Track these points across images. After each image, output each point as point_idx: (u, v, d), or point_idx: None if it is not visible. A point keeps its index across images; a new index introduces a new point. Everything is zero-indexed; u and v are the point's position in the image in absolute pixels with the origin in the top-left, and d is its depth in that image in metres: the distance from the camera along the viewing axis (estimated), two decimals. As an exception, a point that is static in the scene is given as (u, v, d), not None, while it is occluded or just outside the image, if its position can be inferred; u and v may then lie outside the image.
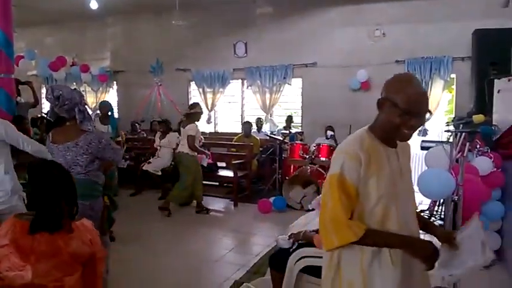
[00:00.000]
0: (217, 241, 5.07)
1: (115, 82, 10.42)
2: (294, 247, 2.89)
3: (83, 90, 9.83)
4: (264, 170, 7.56)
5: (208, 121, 9.43)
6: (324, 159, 6.63)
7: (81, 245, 1.89)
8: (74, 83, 10.06)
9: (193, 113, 6.16)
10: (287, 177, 6.79)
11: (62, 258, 1.84)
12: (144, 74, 9.50)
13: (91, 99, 10.39)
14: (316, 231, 2.90)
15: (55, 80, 9.77)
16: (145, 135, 8.70)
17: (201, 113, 6.39)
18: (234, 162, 6.73)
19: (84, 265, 1.93)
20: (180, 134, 6.65)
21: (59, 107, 2.82)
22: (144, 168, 7.02)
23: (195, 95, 9.71)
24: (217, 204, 6.54)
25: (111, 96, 10.48)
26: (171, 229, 5.44)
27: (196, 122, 6.14)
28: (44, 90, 10.32)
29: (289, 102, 8.99)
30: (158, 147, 7.20)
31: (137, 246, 4.68)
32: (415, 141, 8.02)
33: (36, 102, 6.60)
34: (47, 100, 2.87)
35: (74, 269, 1.88)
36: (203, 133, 7.92)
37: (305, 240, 2.86)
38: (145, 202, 6.78)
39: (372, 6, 7.80)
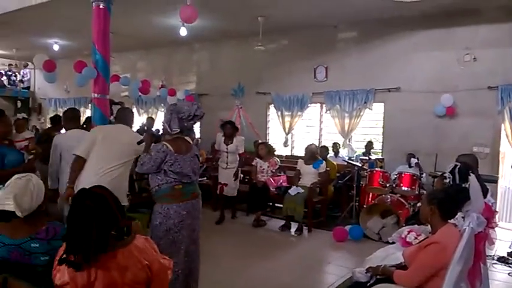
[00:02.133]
0: (289, 265, 4.95)
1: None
2: (371, 282, 2.73)
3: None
4: (341, 197, 7.34)
5: (285, 144, 9.45)
6: (406, 188, 6.28)
7: (137, 272, 1.81)
8: (162, 105, 10.67)
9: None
10: (365, 206, 6.53)
11: None
12: (226, 97, 9.82)
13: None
14: (397, 266, 2.73)
15: (145, 102, 10.44)
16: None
17: None
18: (310, 186, 6.63)
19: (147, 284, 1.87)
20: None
21: (190, 121, 3.22)
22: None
23: (273, 118, 9.82)
24: (293, 228, 6.44)
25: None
26: (241, 249, 5.44)
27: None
28: (134, 110, 11.09)
29: (369, 127, 8.72)
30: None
31: (204, 265, 4.72)
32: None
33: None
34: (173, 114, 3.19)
35: None
36: (279, 156, 7.94)
37: (384, 275, 2.69)
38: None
39: (462, 30, 7.37)
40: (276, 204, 7.28)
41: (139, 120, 10.87)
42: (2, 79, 14.62)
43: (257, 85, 9.58)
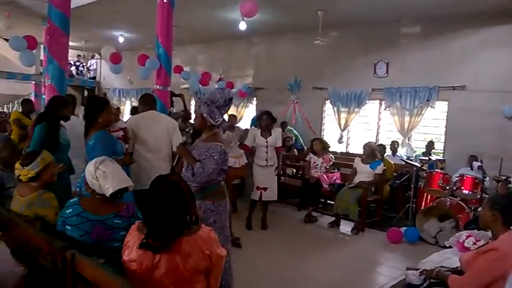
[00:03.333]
0: (338, 263, 4.89)
1: (255, 98, 10.99)
2: (425, 285, 2.65)
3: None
4: (397, 197, 7.13)
5: (340, 140, 9.31)
6: (467, 192, 5.97)
7: (198, 261, 1.91)
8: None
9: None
10: (422, 208, 6.29)
11: (181, 275, 1.88)
12: (282, 91, 9.82)
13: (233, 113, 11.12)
14: (452, 270, 2.63)
15: (203, 94, 10.68)
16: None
17: None
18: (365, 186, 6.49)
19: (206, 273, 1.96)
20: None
21: (226, 106, 3.21)
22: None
23: (329, 113, 9.71)
24: (343, 226, 6.36)
25: (250, 110, 11.08)
26: (290, 244, 5.44)
27: None
28: (193, 103, 11.40)
29: (430, 126, 8.38)
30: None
31: (253, 257, 4.79)
32: None
33: (187, 114, 7.13)
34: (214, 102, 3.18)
35: (193, 282, 1.92)
36: (334, 152, 7.84)
37: (439, 279, 2.60)
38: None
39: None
40: (328, 201, 7.22)
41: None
42: (71, 69, 15.54)
43: (314, 80, 9.50)
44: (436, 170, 6.57)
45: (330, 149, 7.44)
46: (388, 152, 7.75)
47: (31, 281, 2.10)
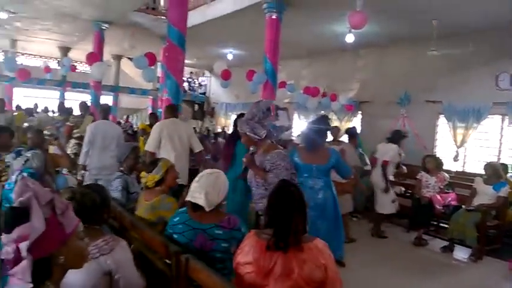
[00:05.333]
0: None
1: (359, 112, 10.68)
2: None
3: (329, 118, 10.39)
4: (523, 224, 6.31)
5: (456, 158, 8.58)
6: None
7: (314, 269, 1.86)
8: (323, 111, 10.78)
9: None
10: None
11: (295, 281, 1.84)
12: (389, 104, 9.40)
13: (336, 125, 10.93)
14: None
15: (306, 108, 10.69)
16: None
17: None
18: (484, 208, 5.85)
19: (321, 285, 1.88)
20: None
21: (267, 117, 3.22)
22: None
23: (443, 129, 9.02)
24: (457, 252, 5.77)
25: (354, 125, 10.79)
26: (398, 268, 5.07)
27: None
28: (296, 116, 11.46)
29: None
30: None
31: (355, 277, 4.55)
32: None
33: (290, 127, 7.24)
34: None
35: None
36: (448, 171, 7.24)
37: None
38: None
39: None
40: (441, 224, 6.64)
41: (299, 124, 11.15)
42: (184, 85, 16.69)
43: (426, 93, 8.93)
44: None
45: (444, 168, 6.87)
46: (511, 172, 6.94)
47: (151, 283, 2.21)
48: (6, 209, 1.19)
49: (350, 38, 7.66)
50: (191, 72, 17.29)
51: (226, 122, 15.81)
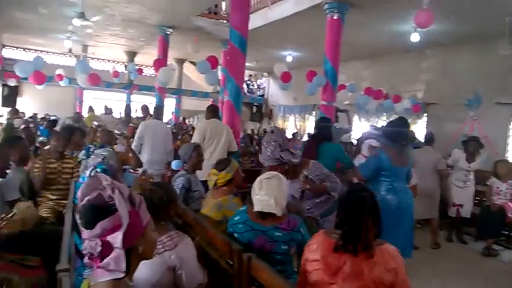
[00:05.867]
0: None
1: (425, 114, 10.26)
2: None
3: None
4: None
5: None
6: None
7: (384, 272, 1.82)
8: (384, 114, 10.48)
9: None
10: None
11: (364, 283, 1.81)
12: (457, 107, 8.92)
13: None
14: None
15: (366, 111, 10.44)
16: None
17: None
18: None
19: None
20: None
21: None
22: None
23: (516, 133, 8.44)
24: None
25: (419, 127, 10.38)
26: (465, 280, 4.78)
27: None
28: (356, 119, 11.22)
29: None
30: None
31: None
32: None
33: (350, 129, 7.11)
34: None
35: None
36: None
37: None
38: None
39: None
40: (514, 234, 6.21)
41: (359, 127, 10.90)
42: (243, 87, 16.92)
43: (498, 94, 8.38)
44: None
45: (518, 174, 6.41)
46: None
47: (212, 281, 2.25)
48: (84, 206, 1.24)
49: (415, 37, 7.40)
50: (250, 75, 17.48)
51: (284, 124, 15.81)
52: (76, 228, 2.16)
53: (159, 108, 6.18)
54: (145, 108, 7.33)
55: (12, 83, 11.75)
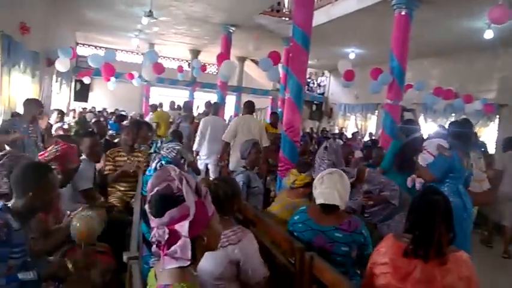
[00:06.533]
0: None
1: (497, 116, 9.61)
2: None
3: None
4: None
5: None
6: None
7: (457, 281, 1.75)
8: (453, 114, 9.95)
9: None
10: None
11: None
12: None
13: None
14: None
15: (434, 111, 9.98)
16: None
17: None
18: None
19: None
20: None
21: None
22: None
23: None
24: None
25: (490, 130, 9.76)
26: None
27: None
28: (421, 119, 10.74)
29: None
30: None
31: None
32: None
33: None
34: None
35: None
36: None
37: None
38: None
39: None
40: None
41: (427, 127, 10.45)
42: (303, 85, 16.80)
43: None
44: None
45: None
46: None
47: (272, 277, 2.25)
48: (154, 196, 1.28)
49: (489, 35, 6.94)
50: (310, 73, 17.32)
51: (344, 123, 15.50)
52: (144, 217, 2.25)
53: (217, 105, 6.74)
54: (208, 105, 7.57)
55: (87, 80, 12.48)
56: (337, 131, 14.40)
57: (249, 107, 5.87)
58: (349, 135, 12.54)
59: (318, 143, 9.93)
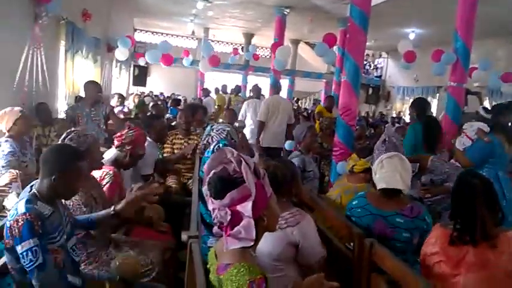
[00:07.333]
0: None
1: None
2: None
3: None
4: None
5: None
6: None
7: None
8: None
9: None
10: None
11: (492, 272, 1.73)
12: None
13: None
14: None
15: (501, 94, 9.35)
16: None
17: None
18: None
19: None
20: None
21: None
22: None
23: None
24: None
25: None
26: None
27: None
28: (486, 103, 10.11)
29: None
30: None
31: None
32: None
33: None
34: None
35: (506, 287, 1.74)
36: None
37: None
38: None
39: None
40: None
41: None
42: (359, 68, 16.34)
43: None
44: None
45: None
46: None
47: (329, 263, 2.22)
48: (213, 178, 1.30)
49: None
50: (367, 55, 16.77)
51: (402, 107, 14.93)
52: (202, 198, 2.28)
53: (256, 87, 7.17)
54: (256, 89, 7.51)
55: (142, 62, 12.85)
56: (394, 115, 13.92)
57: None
58: (408, 120, 12.08)
59: (374, 126, 9.66)
